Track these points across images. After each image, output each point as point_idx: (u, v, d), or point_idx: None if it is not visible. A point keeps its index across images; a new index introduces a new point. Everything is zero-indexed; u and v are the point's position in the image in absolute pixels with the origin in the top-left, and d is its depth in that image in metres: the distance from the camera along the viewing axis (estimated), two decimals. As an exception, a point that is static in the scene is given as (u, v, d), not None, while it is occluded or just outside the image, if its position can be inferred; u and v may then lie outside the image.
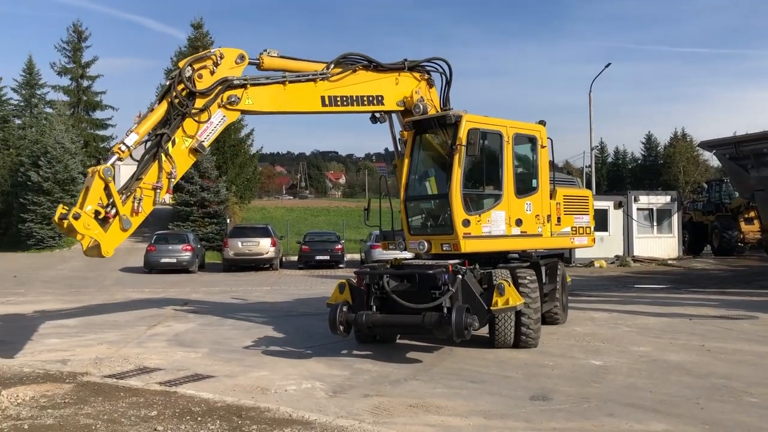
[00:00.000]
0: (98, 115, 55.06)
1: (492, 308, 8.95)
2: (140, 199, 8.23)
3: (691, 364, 8.70)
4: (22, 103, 53.95)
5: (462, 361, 8.99)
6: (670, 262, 27.53)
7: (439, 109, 10.61)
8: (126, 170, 10.72)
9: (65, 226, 7.55)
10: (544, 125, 10.92)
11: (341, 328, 8.99)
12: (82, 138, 47.14)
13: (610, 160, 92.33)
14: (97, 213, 7.74)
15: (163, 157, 8.38)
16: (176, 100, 8.58)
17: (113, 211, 7.91)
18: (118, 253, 31.93)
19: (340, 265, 28.89)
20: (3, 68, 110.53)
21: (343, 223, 42.94)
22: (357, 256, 31.92)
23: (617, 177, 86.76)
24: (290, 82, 9.53)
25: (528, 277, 9.78)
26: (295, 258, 30.93)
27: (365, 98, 10.22)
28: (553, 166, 11.07)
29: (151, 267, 27.07)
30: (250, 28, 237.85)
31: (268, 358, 9.40)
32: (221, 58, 8.96)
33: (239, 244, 27.31)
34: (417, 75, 10.73)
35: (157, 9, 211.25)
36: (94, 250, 7.76)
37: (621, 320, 12.51)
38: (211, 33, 46.39)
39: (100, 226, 7.74)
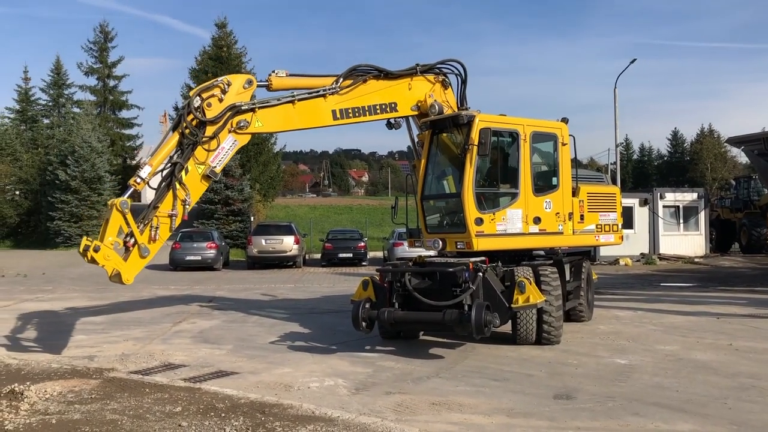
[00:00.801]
0: (124, 114, 55.71)
1: (513, 306, 9.03)
2: (157, 227, 8.68)
3: (719, 363, 8.58)
4: (50, 103, 54.83)
5: (485, 359, 8.95)
6: (696, 260, 27.14)
7: (455, 110, 10.63)
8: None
9: (89, 257, 8.15)
10: (566, 123, 10.86)
11: (364, 324, 9.12)
12: (109, 137, 47.67)
13: (635, 157, 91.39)
14: (117, 245, 8.34)
15: (177, 186, 8.77)
16: (187, 131, 8.89)
17: (132, 241, 8.45)
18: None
19: (363, 263, 28.94)
20: (32, 69, 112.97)
21: (366, 221, 42.97)
22: (380, 254, 31.95)
23: (643, 174, 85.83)
24: (299, 100, 9.66)
25: (550, 275, 9.79)
26: (319, 255, 31.02)
27: (378, 107, 10.28)
28: (575, 163, 11.00)
29: (177, 264, 27.32)
30: (274, 27, 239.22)
31: (291, 354, 9.45)
32: (228, 85, 9.19)
33: (263, 241, 27.46)
34: (431, 78, 10.73)
35: (181, 9, 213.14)
36: (116, 278, 8.38)
37: (646, 318, 12.37)
38: (234, 32, 46.68)
39: (119, 256, 8.39)
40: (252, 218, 37.30)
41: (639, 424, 6.06)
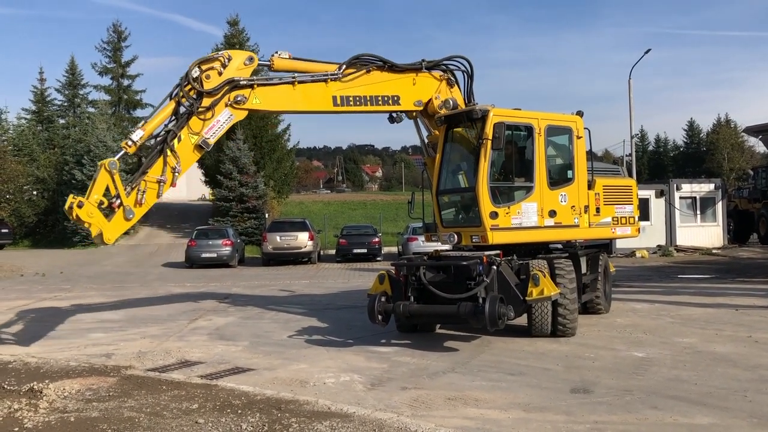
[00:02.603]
0: (138, 113, 56.02)
1: (527, 298, 9.10)
2: (144, 192, 8.66)
3: (738, 355, 8.48)
4: (65, 103, 55.42)
5: (501, 353, 8.92)
6: (714, 251, 26.87)
7: (463, 106, 10.59)
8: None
9: (73, 215, 8.14)
10: (581, 116, 10.82)
11: (379, 317, 9.22)
12: (124, 136, 47.98)
13: (651, 148, 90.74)
14: (102, 203, 8.29)
15: (169, 153, 8.76)
16: (183, 100, 8.93)
17: (118, 202, 8.41)
18: (160, 248, 32.37)
19: (378, 258, 28.94)
20: (47, 70, 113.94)
21: (380, 216, 42.98)
22: (394, 249, 31.94)
23: (658, 165, 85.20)
24: (300, 82, 9.67)
25: (565, 268, 9.81)
26: (333, 251, 31.07)
27: (380, 98, 10.24)
28: (591, 156, 10.95)
29: (193, 262, 27.47)
30: (286, 24, 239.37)
31: (307, 350, 9.46)
32: (229, 59, 9.23)
33: (278, 238, 27.53)
34: (436, 75, 10.69)
35: (194, 7, 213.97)
36: (99, 238, 8.36)
37: (664, 311, 12.26)
38: (246, 30, 46.75)
39: (103, 216, 8.34)
40: (266, 215, 37.44)
41: (657, 418, 6.00)
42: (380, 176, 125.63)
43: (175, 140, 8.85)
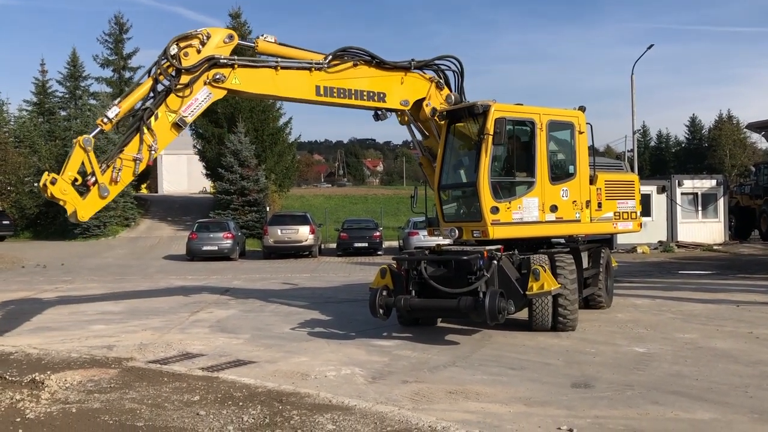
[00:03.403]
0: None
1: (528, 293, 9.15)
2: (120, 169, 8.56)
3: (739, 351, 8.48)
4: (67, 95, 55.25)
5: (502, 348, 8.93)
6: (715, 247, 26.85)
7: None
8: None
9: (48, 193, 8.03)
10: (584, 111, 10.83)
11: (381, 311, 9.26)
12: (122, 128, 47.93)
13: (652, 143, 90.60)
14: (76, 180, 8.20)
15: (145, 131, 8.66)
16: (161, 77, 8.85)
17: (93, 180, 8.31)
18: (161, 240, 32.40)
19: (379, 252, 28.95)
20: (48, 62, 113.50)
21: (381, 211, 42.95)
22: (395, 243, 31.95)
23: (660, 161, 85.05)
24: (283, 68, 9.59)
25: (565, 263, 9.82)
26: (334, 245, 31.08)
27: (365, 93, 10.17)
28: (593, 151, 10.95)
29: (194, 255, 27.48)
30: (288, 18, 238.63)
31: (308, 343, 9.47)
32: (208, 37, 9.10)
33: (279, 231, 27.55)
34: (426, 76, 10.67)
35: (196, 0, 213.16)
36: (73, 216, 8.28)
37: (665, 307, 12.26)
38: (249, 23, 46.66)
39: (77, 193, 8.24)
40: (268, 208, 37.42)
41: (658, 413, 6.01)
42: (381, 170, 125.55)
43: (152, 118, 8.76)
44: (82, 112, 47.93)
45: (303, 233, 27.58)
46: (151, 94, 8.99)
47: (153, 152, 8.78)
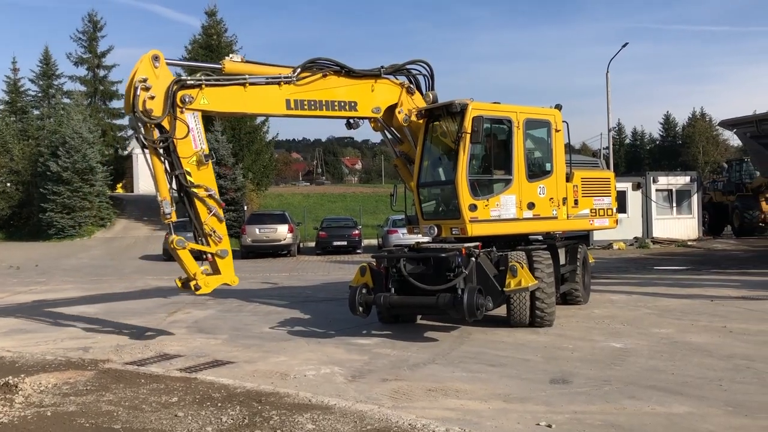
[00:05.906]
0: (115, 104, 55.20)
1: (505, 289, 9.27)
2: (213, 230, 9.23)
3: (713, 345, 8.61)
4: (39, 94, 54.41)
5: (481, 345, 8.97)
6: (689, 243, 27.24)
7: None
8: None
9: (205, 292, 9.32)
10: (560, 109, 10.95)
11: (360, 309, 9.34)
12: (100, 127, 47.35)
13: (627, 141, 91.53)
14: (206, 270, 9.29)
15: (195, 191, 9.09)
16: (154, 144, 8.90)
17: (210, 256, 9.15)
18: (138, 240, 32.01)
19: (358, 251, 28.94)
20: (20, 59, 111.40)
21: (360, 209, 42.95)
22: (374, 242, 31.96)
23: (635, 158, 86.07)
24: (251, 84, 9.56)
25: (542, 259, 9.91)
26: (313, 244, 31.02)
27: (336, 104, 10.20)
28: (569, 148, 11.07)
29: (170, 254, 27.21)
30: (265, 15, 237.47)
31: (287, 343, 9.43)
32: (144, 80, 8.78)
33: (257, 230, 27.41)
34: (396, 81, 10.72)
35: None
36: (226, 284, 9.49)
37: (641, 302, 12.41)
38: (225, 20, 46.31)
39: (216, 276, 9.33)
40: (245, 207, 37.21)
41: (635, 407, 6.08)
42: (360, 168, 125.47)
43: (187, 177, 9.04)
44: (56, 111, 47.25)
45: (281, 232, 27.47)
46: (163, 160, 9.07)
47: (215, 195, 9.31)
